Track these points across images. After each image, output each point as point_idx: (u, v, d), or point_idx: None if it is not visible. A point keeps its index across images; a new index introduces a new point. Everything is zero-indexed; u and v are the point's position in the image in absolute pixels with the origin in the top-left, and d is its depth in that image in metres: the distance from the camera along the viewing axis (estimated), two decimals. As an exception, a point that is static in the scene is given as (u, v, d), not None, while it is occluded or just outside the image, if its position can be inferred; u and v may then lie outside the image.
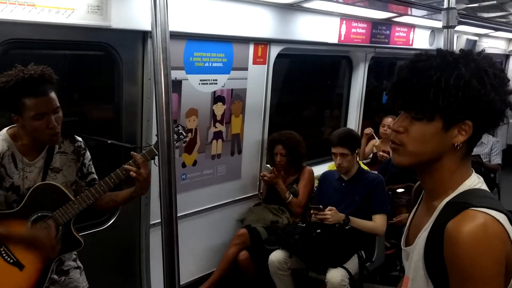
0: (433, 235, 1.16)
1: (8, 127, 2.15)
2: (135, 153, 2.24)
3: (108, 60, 2.99)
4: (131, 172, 2.20)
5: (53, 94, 2.04)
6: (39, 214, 2.13)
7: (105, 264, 3.15)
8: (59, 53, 3.00)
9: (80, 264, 2.37)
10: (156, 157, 2.27)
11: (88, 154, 2.31)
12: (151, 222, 3.28)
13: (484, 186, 1.18)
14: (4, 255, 2.11)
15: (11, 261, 2.11)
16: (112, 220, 3.15)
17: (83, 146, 2.28)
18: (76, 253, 2.36)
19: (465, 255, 1.07)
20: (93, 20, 2.62)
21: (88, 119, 3.30)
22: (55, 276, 2.22)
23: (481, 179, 1.21)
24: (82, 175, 2.29)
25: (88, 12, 2.59)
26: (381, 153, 4.82)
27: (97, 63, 3.07)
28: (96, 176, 2.33)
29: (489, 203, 1.11)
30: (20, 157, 2.09)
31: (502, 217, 1.09)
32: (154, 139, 2.33)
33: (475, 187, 1.17)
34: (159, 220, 3.20)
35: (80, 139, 2.29)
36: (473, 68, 1.13)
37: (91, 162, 2.33)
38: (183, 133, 2.41)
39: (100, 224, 3.12)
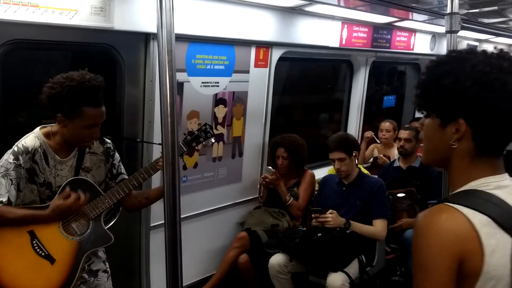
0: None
1: (41, 125, 2.20)
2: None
3: (110, 61, 2.99)
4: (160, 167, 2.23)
5: (103, 109, 2.11)
6: None
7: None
8: (62, 54, 3.00)
9: (108, 269, 2.40)
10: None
11: (117, 155, 2.36)
12: (152, 224, 3.28)
13: (496, 190, 1.13)
14: (37, 248, 2.14)
15: (43, 254, 2.15)
16: (112, 222, 3.14)
17: (112, 147, 2.33)
18: (105, 256, 2.42)
19: (416, 241, 1.10)
20: (96, 22, 2.63)
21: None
22: (85, 275, 2.25)
23: (501, 183, 1.15)
24: (112, 175, 2.33)
25: (91, 13, 2.60)
26: (381, 156, 4.82)
27: (99, 65, 3.06)
28: (126, 177, 2.37)
29: (472, 203, 1.10)
30: (52, 155, 2.14)
31: (479, 218, 1.07)
32: (181, 137, 2.39)
33: (478, 188, 1.13)
34: (160, 222, 3.27)
35: (109, 140, 2.34)
36: (452, 65, 1.15)
37: (120, 162, 2.38)
38: (211, 132, 2.44)
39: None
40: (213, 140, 2.55)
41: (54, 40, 2.67)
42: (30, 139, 2.12)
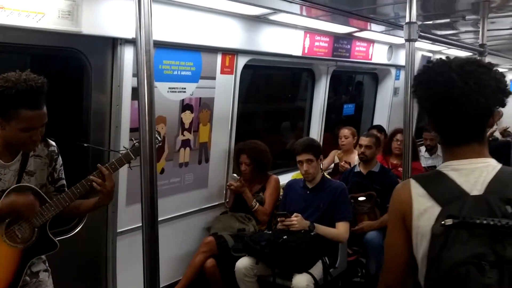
0: None
1: None
2: (100, 165, 2.22)
3: (77, 66, 2.98)
4: (94, 184, 2.18)
5: (45, 109, 2.02)
6: None
7: (70, 273, 3.08)
8: (27, 58, 2.96)
9: (48, 267, 2.33)
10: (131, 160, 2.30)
11: (60, 159, 2.28)
12: (119, 230, 3.25)
13: (450, 172, 1.40)
14: None
15: None
16: (78, 228, 3.10)
17: (56, 151, 2.26)
18: (45, 256, 2.33)
19: None
20: (64, 25, 2.61)
21: (56, 125, 3.24)
22: (27, 278, 2.19)
23: (460, 166, 1.41)
24: (53, 180, 2.26)
25: (58, 17, 2.58)
26: (342, 164, 4.96)
27: (66, 69, 3.04)
28: (65, 182, 2.31)
29: (421, 179, 1.44)
30: None
31: (416, 190, 1.41)
32: (129, 144, 2.36)
33: (439, 169, 1.45)
34: (127, 228, 3.25)
35: (54, 143, 2.26)
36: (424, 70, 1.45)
37: (62, 167, 2.30)
38: (158, 137, 2.41)
39: (66, 232, 3.07)
40: (160, 144, 2.53)
41: (21, 43, 2.64)
42: None
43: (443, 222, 1.30)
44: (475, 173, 1.37)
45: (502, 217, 1.26)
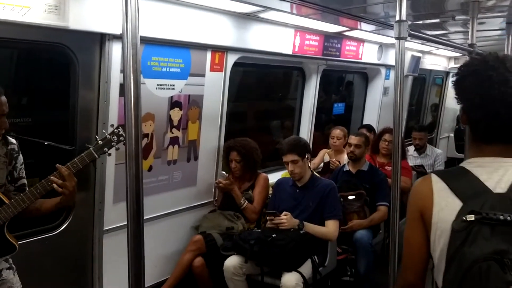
0: None
1: None
2: (60, 165, 2.13)
3: (64, 61, 2.93)
4: (54, 185, 2.10)
5: (3, 98, 1.95)
6: None
7: (56, 272, 3.05)
8: (13, 52, 2.91)
9: (13, 265, 2.25)
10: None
11: (21, 157, 2.20)
12: (105, 228, 3.21)
13: (474, 168, 1.39)
14: None
15: None
16: (64, 226, 3.06)
17: (16, 149, 2.18)
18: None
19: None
20: (50, 20, 2.56)
21: (41, 122, 3.20)
22: None
23: (484, 163, 1.40)
24: (12, 179, 2.18)
25: (45, 11, 2.53)
26: (333, 160, 4.96)
27: (53, 65, 3.00)
28: (26, 181, 2.24)
29: (443, 174, 1.43)
30: None
31: (438, 184, 1.40)
32: (100, 136, 2.26)
33: (463, 164, 1.44)
34: (114, 226, 3.22)
35: (14, 141, 2.18)
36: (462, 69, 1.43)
37: (23, 166, 2.23)
38: (124, 134, 2.24)
39: (51, 230, 3.02)
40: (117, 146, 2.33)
41: (5, 37, 2.58)
42: None
43: (464, 218, 1.28)
44: (499, 171, 1.36)
45: None
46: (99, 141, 2.25)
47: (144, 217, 3.43)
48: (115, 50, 2.98)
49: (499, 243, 1.23)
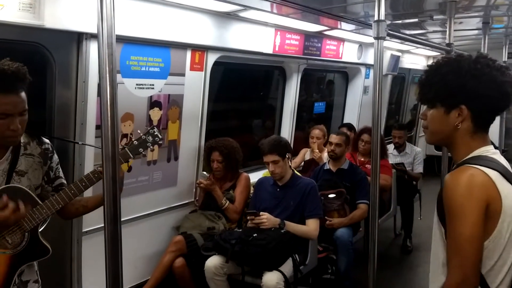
0: (441, 188, 1.51)
1: None
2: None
3: (40, 61, 2.88)
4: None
5: (23, 95, 1.91)
6: None
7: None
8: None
9: (39, 278, 2.21)
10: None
11: (56, 157, 2.18)
12: (84, 230, 3.17)
13: (494, 155, 1.50)
14: None
15: None
16: (42, 227, 3.00)
17: (50, 148, 2.15)
18: (37, 266, 2.21)
19: (450, 196, 1.41)
20: (25, 18, 2.51)
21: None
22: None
23: (493, 150, 1.53)
24: (49, 179, 2.15)
25: (19, 9, 2.48)
26: (316, 151, 5.01)
27: (28, 64, 2.93)
28: (64, 181, 2.21)
29: (485, 163, 1.45)
30: None
31: (493, 173, 1.43)
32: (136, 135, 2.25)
33: (482, 154, 1.49)
34: (93, 228, 3.17)
35: (47, 141, 2.16)
36: (452, 65, 1.50)
37: (59, 165, 2.20)
38: (159, 135, 2.26)
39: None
40: (160, 143, 2.35)
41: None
42: None
43: None
44: (501, 157, 1.52)
45: None
46: (134, 142, 2.22)
47: (124, 218, 3.46)
48: (93, 50, 2.94)
49: None
